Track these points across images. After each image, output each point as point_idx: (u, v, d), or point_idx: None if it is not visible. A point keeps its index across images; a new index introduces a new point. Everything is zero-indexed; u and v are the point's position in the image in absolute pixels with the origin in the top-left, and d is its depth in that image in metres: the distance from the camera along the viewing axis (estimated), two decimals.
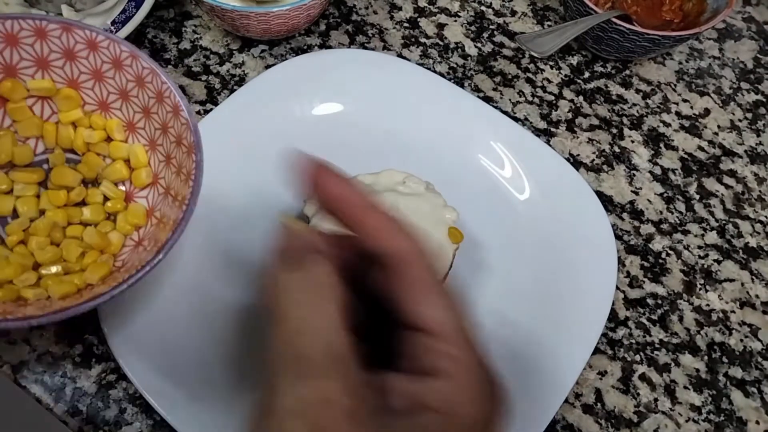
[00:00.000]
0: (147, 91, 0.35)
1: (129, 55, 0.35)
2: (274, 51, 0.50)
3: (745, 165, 0.51)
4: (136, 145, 0.37)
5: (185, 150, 0.33)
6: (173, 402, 0.34)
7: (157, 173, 0.37)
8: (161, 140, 0.36)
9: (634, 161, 0.50)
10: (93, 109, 0.37)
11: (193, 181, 0.31)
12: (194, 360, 0.36)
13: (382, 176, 0.40)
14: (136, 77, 0.35)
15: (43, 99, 0.37)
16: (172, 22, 0.51)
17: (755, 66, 0.57)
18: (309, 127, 0.45)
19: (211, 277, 0.39)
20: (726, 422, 0.40)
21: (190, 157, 0.32)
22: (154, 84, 0.34)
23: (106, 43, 0.35)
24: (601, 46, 0.51)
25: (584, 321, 0.39)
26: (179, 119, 0.33)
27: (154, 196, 0.37)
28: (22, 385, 0.36)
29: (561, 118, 0.51)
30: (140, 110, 0.36)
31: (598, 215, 0.43)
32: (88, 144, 0.38)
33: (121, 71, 0.35)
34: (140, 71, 0.35)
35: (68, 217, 0.36)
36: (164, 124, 0.35)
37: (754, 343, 0.43)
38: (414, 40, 0.53)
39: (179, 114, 0.33)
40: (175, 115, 0.34)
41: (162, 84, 0.34)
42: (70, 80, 0.36)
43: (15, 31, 0.34)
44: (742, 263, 0.46)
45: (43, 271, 0.34)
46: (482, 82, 0.52)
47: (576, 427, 0.39)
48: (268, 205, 0.42)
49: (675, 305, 0.44)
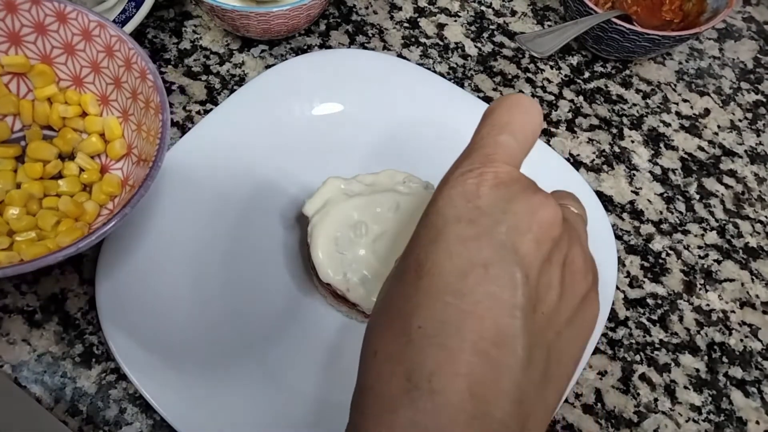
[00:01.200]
0: (116, 60, 0.36)
1: (97, 24, 0.36)
2: (274, 51, 0.50)
3: (745, 165, 0.51)
4: (110, 118, 0.38)
5: (153, 112, 0.34)
6: (173, 402, 0.34)
7: (131, 143, 0.38)
8: (132, 109, 0.37)
9: (634, 161, 0.50)
10: (68, 85, 0.39)
11: (160, 139, 0.32)
12: (194, 360, 0.36)
13: (382, 176, 0.40)
14: (105, 47, 0.36)
15: (18, 76, 0.38)
16: (172, 22, 0.51)
17: (755, 66, 0.57)
18: (309, 127, 0.45)
19: (211, 278, 0.39)
20: (726, 422, 0.40)
21: (157, 117, 0.33)
22: (122, 51, 0.36)
23: (75, 14, 0.36)
24: (601, 46, 0.51)
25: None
26: (146, 83, 0.34)
27: (128, 166, 0.38)
28: (22, 385, 0.36)
29: (561, 118, 0.51)
30: (112, 81, 0.38)
31: (598, 215, 0.43)
32: (64, 119, 0.39)
33: (90, 42, 0.36)
34: (109, 40, 0.36)
35: (45, 189, 0.37)
36: (134, 91, 0.36)
37: (754, 343, 0.43)
38: (414, 40, 0.53)
39: (146, 78, 0.34)
40: (143, 80, 0.35)
41: (129, 50, 0.35)
42: (44, 56, 0.37)
43: None
44: (742, 263, 0.46)
45: (17, 237, 0.35)
46: (482, 82, 0.52)
47: (576, 427, 0.39)
48: (268, 205, 0.42)
49: (675, 305, 0.44)
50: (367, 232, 0.36)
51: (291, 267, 0.41)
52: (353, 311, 0.38)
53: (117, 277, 0.37)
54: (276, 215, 0.42)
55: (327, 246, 0.36)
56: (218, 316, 0.38)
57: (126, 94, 0.36)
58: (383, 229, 0.37)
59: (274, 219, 0.42)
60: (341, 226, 0.37)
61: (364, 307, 0.36)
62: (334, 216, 0.37)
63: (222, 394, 0.35)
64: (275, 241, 0.41)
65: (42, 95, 0.38)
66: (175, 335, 0.37)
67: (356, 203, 0.37)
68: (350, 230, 0.37)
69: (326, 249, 0.36)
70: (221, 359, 0.37)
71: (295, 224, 0.42)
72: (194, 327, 0.37)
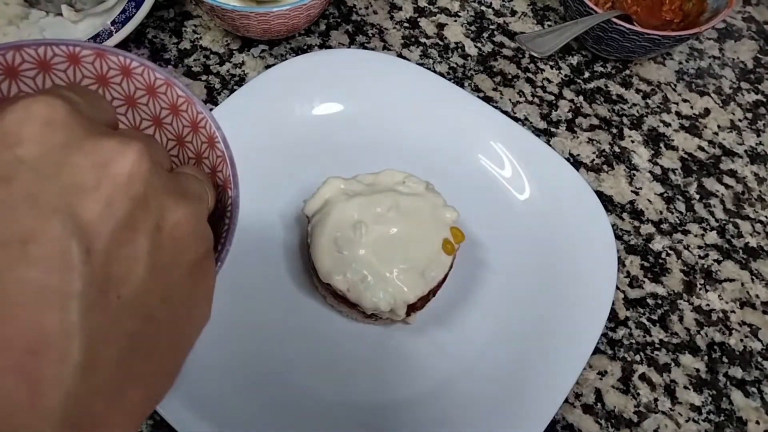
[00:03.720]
0: (182, 119, 0.35)
1: (164, 82, 0.34)
2: (274, 51, 0.50)
3: (745, 165, 0.51)
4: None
5: (221, 183, 0.32)
6: (173, 402, 0.34)
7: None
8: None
9: (634, 161, 0.50)
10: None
11: (229, 218, 0.29)
12: (194, 360, 0.36)
13: (382, 176, 0.40)
14: (170, 105, 0.35)
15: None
16: (172, 22, 0.51)
17: (755, 66, 0.57)
18: (309, 127, 0.45)
19: None
20: (726, 422, 0.40)
21: (225, 191, 0.31)
22: (189, 113, 0.34)
23: (140, 70, 0.34)
24: (601, 46, 0.51)
25: (584, 321, 0.39)
26: (215, 151, 0.33)
27: None
28: None
29: (561, 118, 0.51)
30: (174, 139, 0.36)
31: (598, 215, 0.43)
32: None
33: (155, 98, 0.35)
34: (175, 99, 0.34)
35: None
36: (198, 154, 0.34)
37: (754, 343, 0.43)
38: (414, 40, 0.53)
39: (215, 146, 0.32)
40: (211, 147, 0.33)
41: (197, 114, 0.33)
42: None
43: (48, 57, 0.33)
44: (742, 263, 0.46)
45: None
46: (482, 82, 0.52)
47: (576, 427, 0.39)
48: (268, 205, 0.42)
49: (675, 305, 0.44)
50: (367, 232, 0.36)
51: (291, 267, 0.41)
52: (353, 311, 0.38)
53: None
54: (276, 215, 0.42)
55: (327, 246, 0.36)
56: (218, 316, 0.38)
57: (189, 154, 0.34)
58: (383, 229, 0.37)
59: (274, 219, 0.42)
60: (341, 226, 0.37)
61: (364, 307, 0.36)
62: (334, 216, 0.37)
63: (221, 394, 0.35)
64: (275, 241, 0.41)
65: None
66: None
67: (356, 203, 0.37)
68: (350, 230, 0.37)
69: (326, 249, 0.36)
70: (221, 359, 0.37)
71: (295, 224, 0.42)
72: None
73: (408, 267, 0.36)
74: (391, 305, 0.36)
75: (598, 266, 0.41)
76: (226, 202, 0.30)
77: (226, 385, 0.36)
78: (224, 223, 0.29)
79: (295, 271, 0.40)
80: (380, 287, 0.36)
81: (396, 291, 0.36)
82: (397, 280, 0.36)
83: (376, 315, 0.37)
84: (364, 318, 0.38)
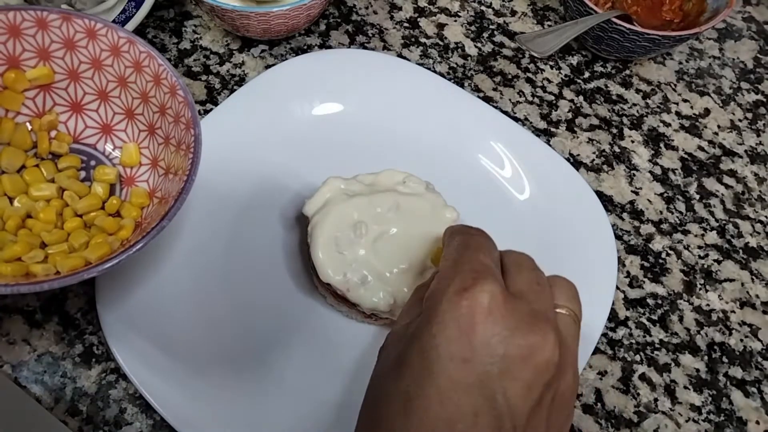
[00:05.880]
0: (144, 75, 0.37)
1: (126, 40, 0.36)
2: (274, 51, 0.50)
3: (745, 165, 0.51)
4: (130, 145, 0.39)
5: (184, 126, 0.34)
6: (173, 402, 0.34)
7: (157, 156, 0.38)
8: (159, 122, 0.37)
9: (634, 161, 0.50)
10: (92, 98, 0.39)
11: (193, 153, 0.33)
12: (194, 360, 0.36)
13: (382, 176, 0.40)
14: (133, 62, 0.37)
15: (44, 90, 0.38)
16: (172, 22, 0.51)
17: (755, 66, 0.57)
18: (309, 127, 0.45)
19: (211, 278, 0.39)
20: (726, 422, 0.40)
21: (188, 131, 0.34)
22: (151, 68, 0.36)
23: (105, 31, 0.36)
24: (601, 46, 0.51)
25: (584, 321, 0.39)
26: (176, 98, 0.35)
27: (154, 178, 0.38)
28: (22, 385, 0.36)
29: (561, 118, 0.51)
30: (139, 97, 0.38)
31: (598, 215, 0.43)
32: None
33: (119, 58, 0.37)
34: (138, 56, 0.36)
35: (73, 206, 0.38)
36: (162, 105, 0.36)
37: (754, 343, 0.43)
38: (414, 40, 0.53)
39: (176, 93, 0.35)
40: (173, 96, 0.35)
41: (159, 66, 0.36)
42: (71, 70, 0.37)
43: (18, 22, 0.35)
44: (742, 263, 0.46)
45: (50, 250, 0.35)
46: (482, 82, 0.52)
47: (576, 427, 0.39)
48: (269, 205, 0.42)
49: (675, 305, 0.44)
50: (367, 232, 0.36)
51: (291, 267, 0.41)
52: (353, 311, 0.38)
53: (117, 276, 0.37)
54: (276, 215, 0.42)
55: (327, 246, 0.36)
56: (218, 316, 0.38)
57: (153, 108, 0.37)
58: (383, 229, 0.37)
59: (274, 219, 0.42)
60: (341, 226, 0.37)
61: (364, 307, 0.36)
62: (334, 216, 0.37)
63: (222, 394, 0.35)
64: (275, 241, 0.41)
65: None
66: (175, 335, 0.37)
67: (356, 203, 0.37)
68: (350, 230, 0.37)
69: (326, 249, 0.36)
70: (221, 359, 0.37)
71: (295, 224, 0.42)
72: (194, 326, 0.37)
73: (408, 267, 0.36)
74: (390, 305, 0.36)
75: (598, 266, 0.41)
76: (190, 140, 0.33)
77: (226, 385, 0.36)
78: (189, 157, 0.33)
79: (295, 271, 0.40)
80: (380, 287, 0.36)
81: (396, 291, 0.36)
82: (397, 280, 0.36)
83: (376, 315, 0.37)
84: (364, 318, 0.38)
